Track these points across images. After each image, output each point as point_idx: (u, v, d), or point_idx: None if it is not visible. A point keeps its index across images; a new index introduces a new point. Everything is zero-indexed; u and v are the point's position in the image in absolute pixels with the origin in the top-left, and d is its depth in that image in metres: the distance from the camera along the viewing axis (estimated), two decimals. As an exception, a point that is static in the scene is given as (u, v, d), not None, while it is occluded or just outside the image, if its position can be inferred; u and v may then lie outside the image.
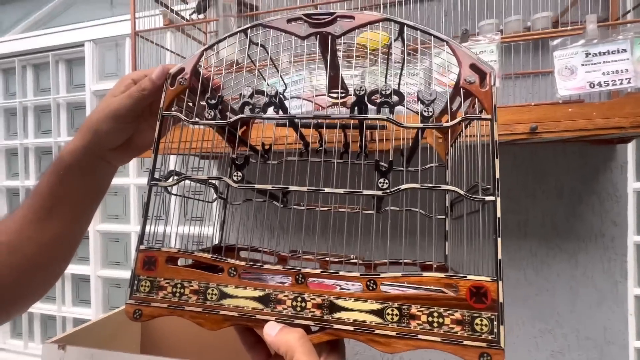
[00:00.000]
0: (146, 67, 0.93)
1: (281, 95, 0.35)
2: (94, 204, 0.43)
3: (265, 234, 0.98)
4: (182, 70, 0.36)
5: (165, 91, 0.36)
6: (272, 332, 0.29)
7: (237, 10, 0.89)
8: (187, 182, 0.38)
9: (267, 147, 0.48)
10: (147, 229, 0.35)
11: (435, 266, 0.42)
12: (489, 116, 0.29)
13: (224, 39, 0.37)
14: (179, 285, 0.33)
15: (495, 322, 0.27)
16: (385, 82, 0.32)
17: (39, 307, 1.45)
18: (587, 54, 0.57)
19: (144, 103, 0.38)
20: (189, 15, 0.98)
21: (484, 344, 0.27)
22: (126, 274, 1.33)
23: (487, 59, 0.62)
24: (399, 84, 0.32)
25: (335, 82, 0.41)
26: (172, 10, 0.94)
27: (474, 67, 0.30)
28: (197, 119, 0.36)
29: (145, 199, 0.35)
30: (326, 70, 0.38)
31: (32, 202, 0.39)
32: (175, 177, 0.36)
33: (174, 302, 0.33)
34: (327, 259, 0.44)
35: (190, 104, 0.38)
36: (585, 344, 0.86)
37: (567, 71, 0.58)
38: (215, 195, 0.50)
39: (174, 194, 0.40)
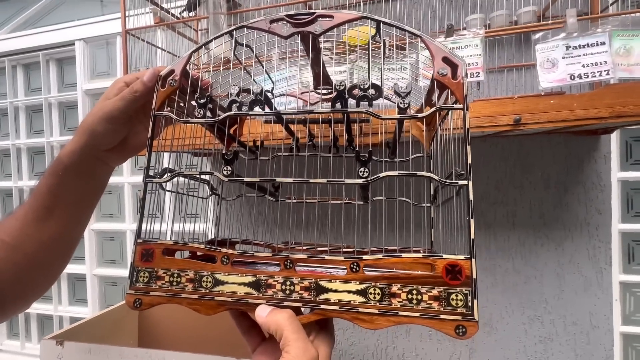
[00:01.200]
0: (138, 66, 0.94)
1: (267, 93, 0.37)
2: (92, 204, 0.45)
3: (260, 227, 1.00)
4: (172, 72, 0.38)
5: (156, 92, 0.38)
6: (264, 313, 0.31)
7: (227, 8, 0.90)
8: (182, 179, 0.39)
9: (257, 143, 0.49)
10: (144, 225, 0.36)
11: (420, 252, 0.44)
12: (460, 106, 0.31)
13: (211, 41, 0.38)
14: (175, 275, 0.35)
15: (469, 297, 0.29)
16: (369, 77, 0.33)
17: (36, 307, 1.45)
18: (568, 47, 0.59)
19: (136, 105, 0.40)
20: (179, 13, 0.98)
21: (459, 317, 0.29)
22: (122, 272, 1.34)
23: (471, 53, 0.64)
24: (381, 78, 0.34)
25: (321, 78, 0.43)
26: (162, 8, 0.94)
27: (446, 60, 0.32)
28: (188, 118, 0.37)
29: (140, 197, 0.37)
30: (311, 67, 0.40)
31: (32, 202, 0.41)
32: (169, 174, 0.37)
33: (171, 291, 0.34)
34: (319, 249, 0.45)
35: (182, 104, 0.39)
36: (572, 329, 0.88)
37: (548, 64, 0.60)
38: (210, 192, 0.50)
39: (168, 191, 0.41)
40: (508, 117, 0.62)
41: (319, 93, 0.46)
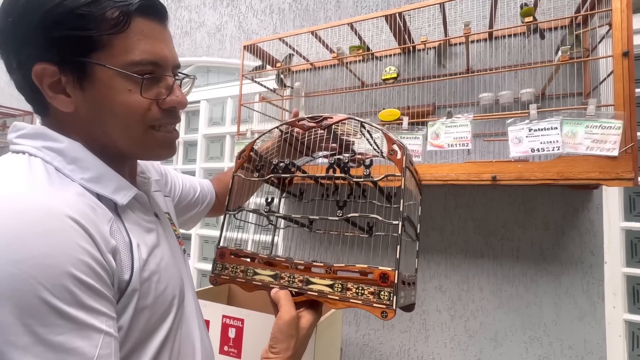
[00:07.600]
0: (244, 120, 1.39)
1: (292, 162, 0.60)
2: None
3: (296, 246, 1.34)
4: (243, 150, 0.64)
5: (235, 162, 0.64)
6: (273, 291, 0.52)
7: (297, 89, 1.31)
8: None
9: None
10: (225, 234, 0.60)
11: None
12: (400, 174, 0.49)
13: (264, 134, 0.66)
14: (234, 267, 0.57)
15: (392, 295, 0.43)
16: (354, 153, 0.64)
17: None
18: (530, 130, 0.85)
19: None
20: (273, 88, 1.43)
21: (384, 306, 0.44)
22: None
23: (464, 130, 0.92)
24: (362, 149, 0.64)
25: (346, 148, 0.76)
26: (259, 84, 1.40)
27: (395, 144, 0.50)
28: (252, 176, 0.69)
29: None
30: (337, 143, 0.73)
31: (222, 176, 0.83)
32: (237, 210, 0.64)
33: (231, 276, 0.56)
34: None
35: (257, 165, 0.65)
36: (569, 353, 1.04)
37: (516, 140, 0.86)
38: (267, 223, 0.71)
39: (242, 220, 0.64)
40: (488, 175, 0.89)
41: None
